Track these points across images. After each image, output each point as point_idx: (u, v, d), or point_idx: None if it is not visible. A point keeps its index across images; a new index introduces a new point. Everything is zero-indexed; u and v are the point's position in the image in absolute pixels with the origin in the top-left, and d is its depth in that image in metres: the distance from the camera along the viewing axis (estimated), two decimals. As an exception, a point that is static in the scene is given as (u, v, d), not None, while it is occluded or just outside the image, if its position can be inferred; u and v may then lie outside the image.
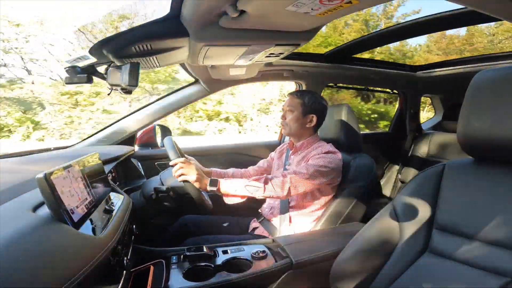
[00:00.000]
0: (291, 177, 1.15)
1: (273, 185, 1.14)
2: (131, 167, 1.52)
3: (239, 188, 1.13)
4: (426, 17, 1.36)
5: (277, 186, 1.14)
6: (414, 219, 0.79)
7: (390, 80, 2.26)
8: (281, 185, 1.14)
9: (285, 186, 1.14)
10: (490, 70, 0.69)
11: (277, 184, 1.14)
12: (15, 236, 0.46)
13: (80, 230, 0.59)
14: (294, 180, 1.15)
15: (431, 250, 0.75)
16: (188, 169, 1.10)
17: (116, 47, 0.96)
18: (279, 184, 1.14)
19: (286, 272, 0.98)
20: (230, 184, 1.14)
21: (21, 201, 0.63)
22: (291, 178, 1.15)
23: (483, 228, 0.67)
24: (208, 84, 1.66)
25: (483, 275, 0.64)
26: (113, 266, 0.69)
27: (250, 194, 1.14)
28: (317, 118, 1.33)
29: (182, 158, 1.14)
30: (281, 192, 1.15)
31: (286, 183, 1.14)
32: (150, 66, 1.18)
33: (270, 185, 1.14)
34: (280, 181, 1.15)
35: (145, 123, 1.66)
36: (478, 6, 0.67)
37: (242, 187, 1.13)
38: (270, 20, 0.89)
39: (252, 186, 1.13)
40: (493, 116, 0.66)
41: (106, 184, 0.90)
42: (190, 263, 0.97)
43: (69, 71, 1.03)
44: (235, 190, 1.13)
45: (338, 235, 1.15)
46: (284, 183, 1.14)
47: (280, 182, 1.15)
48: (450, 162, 0.80)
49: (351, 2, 0.75)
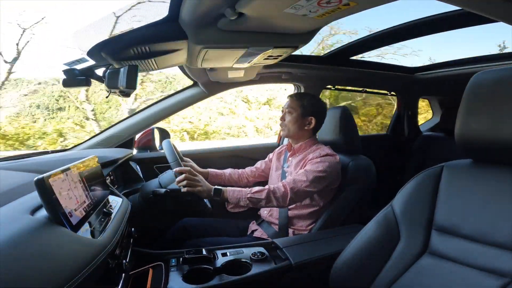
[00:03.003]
0: (291, 187, 1.17)
1: (275, 197, 1.16)
2: (129, 170, 1.52)
3: (242, 199, 1.15)
4: (424, 19, 1.37)
5: (278, 198, 1.16)
6: (413, 220, 0.79)
7: (388, 82, 2.27)
8: (282, 197, 1.17)
9: (286, 198, 1.17)
10: (488, 71, 0.69)
11: (278, 196, 1.16)
12: (12, 238, 0.46)
13: (79, 233, 0.59)
14: (296, 190, 1.17)
15: (431, 251, 0.75)
16: (193, 181, 1.12)
17: (114, 50, 0.96)
18: (280, 196, 1.17)
19: (286, 274, 0.97)
20: (233, 194, 1.15)
21: (19, 204, 0.63)
22: (291, 189, 1.17)
23: (482, 229, 0.67)
24: (206, 87, 1.66)
25: (482, 276, 0.64)
26: (112, 269, 0.68)
27: (252, 205, 1.17)
28: (316, 120, 1.33)
29: (187, 168, 1.15)
30: (283, 203, 1.18)
31: (287, 194, 1.17)
32: (148, 68, 1.18)
33: (272, 197, 1.16)
34: (282, 193, 1.17)
35: (144, 126, 1.66)
36: (472, 7, 0.67)
37: (245, 198, 1.15)
38: (268, 22, 0.90)
39: (255, 198, 1.15)
40: (491, 117, 0.66)
41: (105, 187, 0.89)
42: (189, 265, 0.97)
43: (67, 73, 1.03)
44: (238, 200, 1.15)
45: (337, 236, 1.15)
46: (285, 195, 1.17)
47: (282, 193, 1.17)
48: (449, 163, 0.80)
49: (349, 5, 0.76)
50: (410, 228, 0.79)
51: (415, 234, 0.77)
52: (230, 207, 1.17)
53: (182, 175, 1.12)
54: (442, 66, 2.10)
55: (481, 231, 0.67)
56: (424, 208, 0.78)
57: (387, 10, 4.50)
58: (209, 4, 0.78)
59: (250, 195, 1.15)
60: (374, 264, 0.80)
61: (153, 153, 1.73)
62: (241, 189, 1.17)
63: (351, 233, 0.99)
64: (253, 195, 1.15)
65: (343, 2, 0.74)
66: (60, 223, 0.56)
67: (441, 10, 1.27)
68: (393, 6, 1.32)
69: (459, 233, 0.71)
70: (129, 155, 1.52)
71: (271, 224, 1.35)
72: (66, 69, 1.03)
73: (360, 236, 0.86)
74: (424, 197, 0.79)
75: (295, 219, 1.30)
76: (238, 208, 1.17)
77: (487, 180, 0.71)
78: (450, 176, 0.77)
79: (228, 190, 1.15)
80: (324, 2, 0.74)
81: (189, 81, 1.72)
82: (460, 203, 0.73)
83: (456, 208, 0.73)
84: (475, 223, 0.69)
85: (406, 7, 7.22)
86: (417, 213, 0.79)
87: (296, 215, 1.29)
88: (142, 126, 1.65)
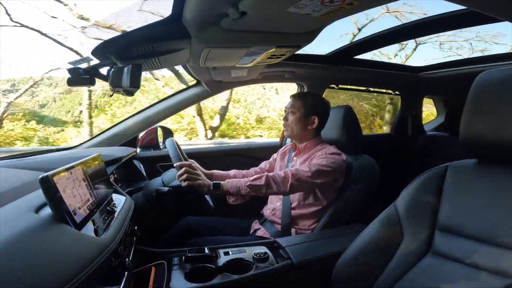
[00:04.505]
0: (293, 173, 1.16)
1: (274, 182, 1.15)
2: (133, 169, 1.53)
3: (242, 187, 1.13)
4: (429, 18, 1.36)
5: (278, 182, 1.15)
6: (417, 220, 0.78)
7: (392, 81, 2.26)
8: (282, 181, 1.15)
9: (287, 183, 1.15)
10: (494, 71, 0.69)
11: (278, 181, 1.15)
12: (17, 236, 0.46)
13: (82, 231, 0.59)
14: (296, 176, 1.16)
15: (434, 251, 0.74)
16: (193, 175, 1.11)
17: (118, 49, 0.97)
18: (280, 180, 1.15)
19: (288, 273, 0.97)
20: (232, 184, 1.14)
21: (24, 202, 0.63)
22: (293, 175, 1.16)
23: (486, 229, 0.67)
24: (209, 86, 1.67)
25: (486, 276, 0.63)
26: (115, 267, 0.69)
27: (253, 192, 1.15)
28: (319, 120, 1.33)
29: (187, 162, 1.14)
30: (283, 188, 1.15)
31: (287, 178, 1.15)
32: (152, 67, 1.18)
33: (271, 182, 1.14)
34: (282, 177, 1.15)
35: (147, 125, 1.67)
36: (478, 7, 0.67)
37: (244, 187, 1.13)
38: (271, 21, 0.89)
39: (254, 184, 1.14)
40: (496, 116, 0.66)
41: (108, 185, 0.90)
42: (191, 264, 0.97)
43: (71, 72, 1.04)
44: (238, 190, 1.14)
45: (340, 236, 1.15)
46: (285, 179, 1.15)
47: (282, 178, 1.15)
48: (453, 163, 0.79)
49: (352, 4, 0.75)
50: (413, 228, 0.78)
51: (418, 234, 0.77)
52: (231, 200, 1.16)
53: (183, 168, 1.12)
54: (447, 65, 2.08)
55: (486, 231, 0.67)
56: (428, 208, 0.78)
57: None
58: (212, 3, 0.78)
59: (250, 182, 1.14)
60: (377, 264, 0.80)
61: (156, 152, 1.74)
62: (240, 179, 1.16)
63: (353, 232, 0.99)
64: (252, 182, 1.14)
65: (347, 1, 0.74)
66: (64, 221, 0.56)
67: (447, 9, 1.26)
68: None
69: (463, 233, 0.70)
70: (133, 153, 1.53)
71: (274, 223, 1.34)
72: (70, 67, 1.04)
73: (363, 235, 0.86)
74: (428, 197, 0.78)
75: (297, 219, 1.29)
76: (240, 199, 1.16)
77: (492, 180, 0.70)
78: (454, 176, 0.77)
79: (227, 182, 1.14)
80: (328, 1, 0.73)
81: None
82: (464, 203, 0.72)
83: (460, 208, 0.73)
84: (480, 223, 0.68)
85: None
86: (420, 213, 0.78)
87: (299, 214, 1.29)
88: (146, 125, 1.66)
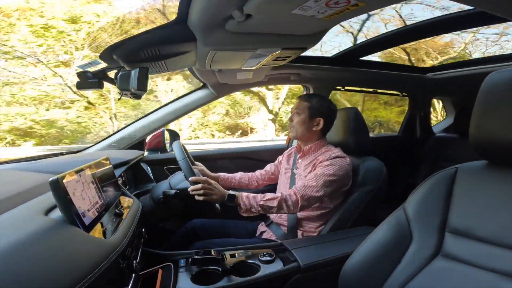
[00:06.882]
0: (301, 195, 1.18)
1: (286, 205, 1.17)
2: (140, 171, 1.54)
3: (254, 205, 1.16)
4: (435, 18, 1.35)
5: (290, 206, 1.17)
6: (426, 222, 0.77)
7: (399, 83, 2.24)
8: (293, 205, 1.18)
9: (297, 205, 1.18)
10: (503, 71, 0.68)
11: (290, 204, 1.17)
12: (27, 238, 0.47)
13: (91, 233, 0.60)
14: (305, 197, 1.18)
15: (444, 254, 0.73)
16: (210, 190, 1.12)
17: (126, 52, 0.98)
18: (292, 204, 1.17)
19: (294, 276, 0.97)
20: (246, 201, 1.16)
21: (34, 204, 0.64)
22: (302, 197, 1.17)
23: (497, 231, 0.65)
24: (215, 89, 1.68)
25: (497, 279, 0.62)
26: (123, 269, 0.69)
27: (263, 212, 1.18)
28: (324, 121, 1.32)
29: (203, 177, 1.14)
30: (294, 210, 1.19)
31: (298, 202, 1.17)
32: (159, 70, 1.19)
33: (283, 205, 1.17)
34: (293, 201, 1.18)
35: (154, 128, 1.68)
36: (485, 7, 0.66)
37: (256, 205, 1.16)
38: (276, 24, 0.90)
39: (267, 205, 1.16)
40: (506, 117, 0.64)
41: (117, 188, 0.91)
42: (198, 266, 0.97)
43: (80, 76, 1.06)
44: (249, 208, 1.16)
45: (347, 239, 1.14)
46: (296, 203, 1.18)
47: (293, 202, 1.18)
48: (463, 165, 0.78)
49: (358, 5, 0.75)
50: (423, 230, 0.77)
51: (428, 236, 0.76)
52: (242, 211, 1.18)
53: (199, 184, 1.12)
54: (455, 66, 2.05)
55: (497, 234, 0.65)
56: (438, 211, 0.76)
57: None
58: (217, 6, 0.79)
59: (262, 202, 1.16)
60: (385, 267, 0.79)
61: (163, 155, 1.75)
62: (254, 196, 1.17)
63: (361, 235, 0.98)
64: (265, 203, 1.16)
65: (352, 3, 0.73)
66: (73, 224, 0.57)
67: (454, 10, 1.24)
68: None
69: (474, 235, 0.69)
70: (140, 156, 1.55)
71: (280, 225, 1.34)
72: (79, 71, 1.06)
73: (371, 238, 0.85)
74: (438, 199, 0.77)
75: (304, 221, 1.29)
76: (249, 213, 1.18)
77: (503, 182, 0.69)
78: (464, 178, 0.75)
79: (242, 196, 1.16)
80: (333, 3, 0.73)
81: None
82: (475, 205, 0.71)
83: (471, 211, 0.71)
84: (491, 225, 0.67)
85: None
86: (430, 216, 0.77)
87: (305, 217, 1.28)
88: (153, 128, 1.68)
